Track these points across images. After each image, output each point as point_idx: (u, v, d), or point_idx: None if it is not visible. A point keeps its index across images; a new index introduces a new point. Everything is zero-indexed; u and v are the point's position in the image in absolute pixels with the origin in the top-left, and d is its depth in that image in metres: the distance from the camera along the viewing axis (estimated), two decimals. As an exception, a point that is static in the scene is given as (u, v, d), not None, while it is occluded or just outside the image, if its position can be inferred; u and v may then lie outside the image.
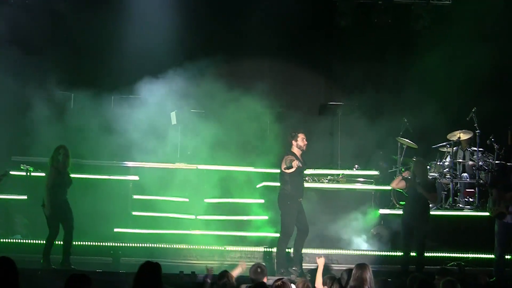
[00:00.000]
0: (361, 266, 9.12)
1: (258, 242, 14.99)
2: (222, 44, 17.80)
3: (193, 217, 15.58)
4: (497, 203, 13.24)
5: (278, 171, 13.10)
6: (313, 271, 13.06)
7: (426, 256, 13.59)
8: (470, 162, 16.46)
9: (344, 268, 10.17)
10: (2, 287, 7.74)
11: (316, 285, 9.71)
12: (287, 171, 12.76)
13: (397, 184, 13.61)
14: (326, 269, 13.40)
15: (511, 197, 13.14)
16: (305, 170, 13.15)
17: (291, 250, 13.04)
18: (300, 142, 12.94)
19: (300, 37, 18.27)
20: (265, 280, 9.82)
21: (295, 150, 12.98)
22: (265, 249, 14.25)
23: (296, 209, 12.84)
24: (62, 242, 12.86)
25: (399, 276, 12.38)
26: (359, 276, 8.95)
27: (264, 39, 17.82)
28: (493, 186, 13.69)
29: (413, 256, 13.33)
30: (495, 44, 17.59)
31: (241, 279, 10.46)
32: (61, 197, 12.88)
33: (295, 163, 12.54)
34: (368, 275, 8.99)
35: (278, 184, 13.26)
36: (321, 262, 10.31)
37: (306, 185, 13.46)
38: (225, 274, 9.81)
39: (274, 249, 13.50)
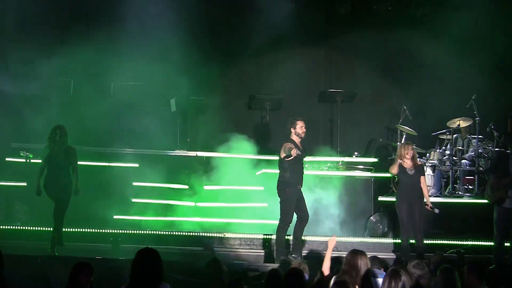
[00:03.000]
0: (356, 252, 9.04)
1: (258, 229, 15.00)
2: (222, 31, 17.78)
3: (192, 204, 15.59)
4: (495, 188, 13.25)
5: (278, 158, 13.09)
6: (313, 258, 13.15)
7: (426, 244, 13.61)
8: (467, 154, 16.48)
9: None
10: None
11: (323, 269, 9.63)
12: (286, 159, 12.75)
13: (395, 169, 13.52)
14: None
15: (509, 181, 13.15)
16: (304, 157, 13.12)
17: (291, 237, 13.03)
18: (298, 129, 12.91)
19: (299, 24, 18.22)
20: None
21: (294, 137, 12.96)
22: (265, 236, 14.26)
23: (295, 196, 12.83)
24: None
25: (400, 263, 12.38)
26: (351, 261, 8.84)
27: (263, 26, 17.78)
28: (491, 172, 13.70)
29: (413, 243, 13.36)
30: (495, 30, 17.59)
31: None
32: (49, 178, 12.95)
33: (294, 152, 12.49)
34: (362, 261, 8.87)
35: (277, 171, 13.24)
36: (331, 243, 9.93)
37: (305, 172, 13.43)
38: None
39: (274, 236, 13.50)
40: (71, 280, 8.10)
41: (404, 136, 16.71)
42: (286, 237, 13.11)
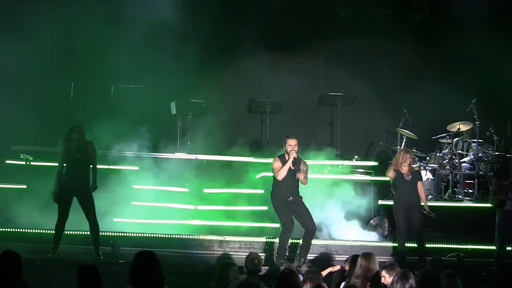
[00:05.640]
0: (366, 256, 9.12)
1: (257, 232, 15.01)
2: (222, 34, 17.77)
3: (192, 207, 15.58)
4: (497, 192, 13.29)
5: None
6: (313, 262, 13.18)
7: (426, 247, 13.65)
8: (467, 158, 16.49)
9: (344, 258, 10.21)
10: (6, 279, 7.76)
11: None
12: (276, 173, 12.87)
13: (391, 173, 13.55)
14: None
15: (510, 183, 13.19)
16: (297, 172, 13.02)
17: (300, 241, 13.04)
18: (287, 147, 12.91)
19: (300, 28, 18.25)
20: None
21: (286, 155, 12.98)
22: (265, 240, 14.28)
23: (285, 206, 12.85)
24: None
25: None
26: (364, 266, 8.97)
27: (263, 29, 17.81)
28: (493, 177, 13.75)
29: (411, 247, 13.39)
30: (493, 34, 17.63)
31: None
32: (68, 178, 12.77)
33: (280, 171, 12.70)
34: (375, 264, 9.01)
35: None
36: (334, 268, 10.54)
37: (310, 176, 13.43)
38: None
39: (274, 240, 13.69)
40: (82, 283, 7.99)
41: (404, 139, 16.72)
42: (296, 241, 13.14)
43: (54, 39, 16.46)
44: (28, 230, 14.18)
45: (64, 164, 12.79)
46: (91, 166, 12.85)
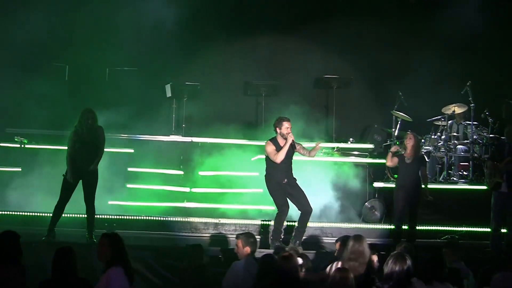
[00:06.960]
0: (358, 238, 9.07)
1: (252, 215, 15.03)
2: (218, 16, 17.72)
3: (187, 190, 15.59)
4: (492, 174, 13.33)
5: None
6: (308, 244, 13.21)
7: (421, 230, 13.69)
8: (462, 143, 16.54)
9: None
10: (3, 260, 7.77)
11: None
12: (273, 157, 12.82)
13: (391, 161, 13.61)
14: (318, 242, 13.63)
15: (504, 165, 13.22)
16: (292, 154, 13.02)
17: (296, 224, 13.05)
18: (284, 130, 12.83)
19: (296, 10, 18.20)
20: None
21: (279, 137, 12.91)
22: (262, 222, 14.29)
23: (280, 189, 12.84)
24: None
25: (392, 249, 12.40)
26: (357, 249, 8.90)
27: (259, 12, 17.77)
28: (489, 160, 13.80)
29: (405, 229, 13.43)
30: (490, 15, 17.62)
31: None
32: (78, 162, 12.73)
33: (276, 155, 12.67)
34: (366, 247, 8.96)
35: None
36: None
37: (302, 158, 13.47)
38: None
39: (269, 222, 13.75)
40: (55, 267, 8.01)
41: (399, 122, 16.71)
42: (292, 223, 13.15)
43: (49, 22, 16.43)
44: (23, 213, 14.15)
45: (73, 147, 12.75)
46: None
